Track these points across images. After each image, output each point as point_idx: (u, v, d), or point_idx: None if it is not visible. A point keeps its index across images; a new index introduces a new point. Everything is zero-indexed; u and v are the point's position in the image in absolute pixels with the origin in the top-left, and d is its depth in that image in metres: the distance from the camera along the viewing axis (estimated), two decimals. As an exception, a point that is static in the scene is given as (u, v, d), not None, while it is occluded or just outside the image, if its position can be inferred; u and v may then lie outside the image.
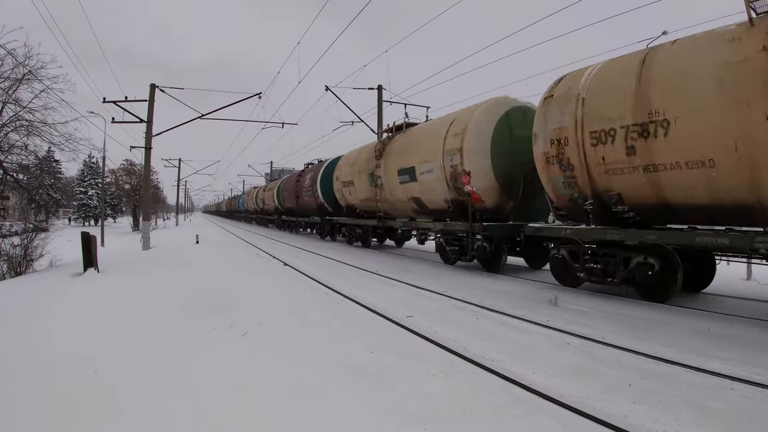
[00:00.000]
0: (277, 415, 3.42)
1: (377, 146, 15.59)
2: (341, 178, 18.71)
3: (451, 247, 12.01)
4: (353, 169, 17.45)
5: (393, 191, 14.29)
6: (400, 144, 14.12)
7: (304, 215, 26.92)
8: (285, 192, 29.93)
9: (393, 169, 13.94)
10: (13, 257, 12.63)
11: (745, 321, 6.25)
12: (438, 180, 11.68)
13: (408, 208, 13.96)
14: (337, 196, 19.63)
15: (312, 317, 6.57)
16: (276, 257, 14.80)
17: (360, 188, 16.98)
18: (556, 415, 3.44)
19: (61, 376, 4.15)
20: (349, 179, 17.87)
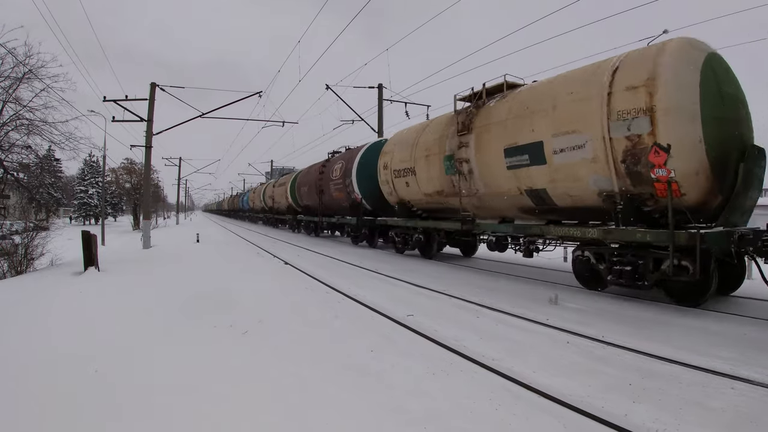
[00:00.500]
0: (278, 414, 3.43)
1: (459, 117, 10.88)
2: (392, 166, 14.02)
3: (619, 267, 7.55)
4: (414, 151, 12.84)
5: (492, 180, 9.87)
6: (504, 110, 9.51)
7: (329, 214, 21.63)
8: (303, 187, 24.92)
9: (494, 147, 9.56)
10: (13, 256, 12.63)
11: (746, 320, 6.24)
12: (592, 161, 7.58)
13: (511, 205, 9.77)
14: (383, 190, 14.96)
15: (313, 317, 6.57)
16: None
17: (427, 178, 12.36)
18: (557, 414, 3.44)
19: (61, 375, 4.16)
20: (406, 166, 13.25)
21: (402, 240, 14.89)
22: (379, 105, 21.96)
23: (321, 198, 21.47)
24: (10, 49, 13.19)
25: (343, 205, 19.05)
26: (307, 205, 24.95)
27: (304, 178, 25.29)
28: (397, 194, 14.19)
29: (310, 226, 26.62)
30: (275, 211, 35.96)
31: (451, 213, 11.96)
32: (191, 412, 3.44)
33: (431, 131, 12.39)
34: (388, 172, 14.34)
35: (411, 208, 13.93)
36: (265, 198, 38.08)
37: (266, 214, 41.21)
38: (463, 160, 10.53)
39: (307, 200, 24.49)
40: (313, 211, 23.81)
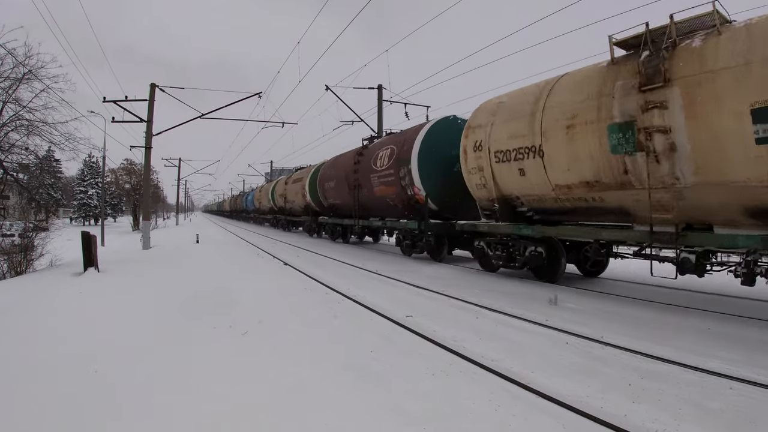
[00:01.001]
0: (277, 414, 3.43)
1: (640, 65, 6.81)
2: (491, 145, 9.58)
3: None
4: (540, 120, 8.45)
5: (718, 162, 6.13)
6: (738, 50, 5.84)
7: (367, 215, 17.19)
8: (327, 182, 20.46)
9: (726, 108, 5.88)
10: (13, 256, 12.63)
11: (745, 321, 6.25)
12: None
13: (744, 204, 6.09)
14: (470, 181, 10.49)
15: (312, 316, 6.57)
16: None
17: (567, 160, 8.00)
18: (556, 414, 3.44)
19: (61, 375, 4.16)
20: (521, 144, 8.85)
21: (503, 254, 10.17)
22: (378, 106, 21.95)
23: (356, 195, 16.94)
24: (10, 49, 13.20)
25: (392, 204, 14.65)
26: (335, 204, 20.50)
27: (329, 170, 20.70)
28: (497, 188, 9.66)
29: (336, 230, 21.54)
30: (288, 211, 30.93)
31: (599, 215, 8.14)
32: (191, 413, 3.44)
33: (570, 89, 8.05)
34: (482, 155, 9.88)
35: (517, 207, 9.58)
36: (275, 197, 33.39)
37: (276, 215, 35.84)
38: (656, 130, 6.60)
39: (335, 198, 20.11)
40: (343, 211, 19.67)
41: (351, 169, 17.22)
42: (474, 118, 10.46)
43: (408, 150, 13.07)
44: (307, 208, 24.96)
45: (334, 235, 21.90)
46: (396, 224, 15.00)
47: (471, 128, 10.38)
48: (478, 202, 10.62)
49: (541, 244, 9.33)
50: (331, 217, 21.43)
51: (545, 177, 8.47)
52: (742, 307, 7.06)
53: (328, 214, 21.79)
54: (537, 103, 8.61)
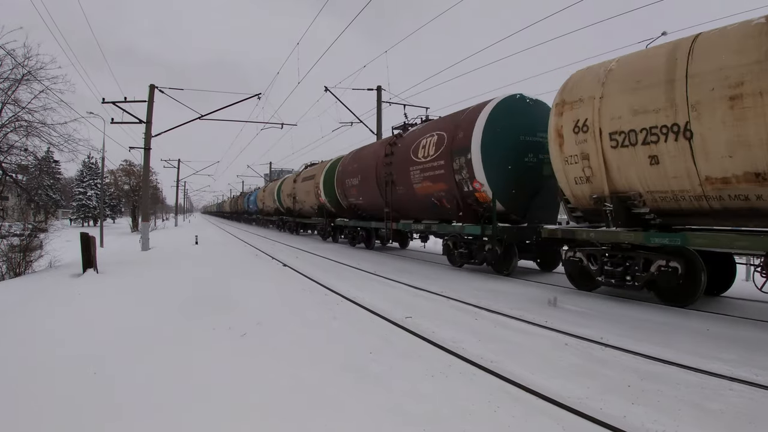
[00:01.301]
0: (276, 415, 3.42)
1: None
2: (603, 124, 7.31)
3: None
4: (683, 89, 6.24)
5: None
6: None
7: (402, 216, 14.56)
8: (350, 179, 17.66)
9: None
10: (12, 258, 12.60)
11: (745, 322, 6.26)
12: None
13: None
14: (565, 174, 8.17)
15: (311, 317, 6.57)
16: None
17: (730, 141, 5.86)
18: (556, 416, 3.44)
19: (60, 377, 4.15)
20: (653, 123, 6.64)
21: (616, 270, 7.68)
22: (378, 107, 21.96)
23: (389, 193, 14.16)
24: (9, 50, 13.17)
25: (439, 204, 11.92)
26: (357, 203, 17.78)
27: (350, 165, 17.83)
28: (610, 181, 7.39)
29: (357, 235, 18.65)
30: (297, 213, 27.83)
31: (759, 217, 6.17)
32: (190, 414, 3.43)
33: (729, 48, 5.85)
34: (587, 139, 7.53)
35: (634, 208, 7.26)
36: (282, 197, 30.52)
37: (282, 217, 32.65)
38: None
39: (358, 197, 17.33)
40: (368, 211, 17.18)
41: (381, 162, 14.54)
42: (570, 91, 7.90)
43: (466, 137, 10.41)
44: (321, 209, 22.03)
45: (354, 239, 19.09)
46: (446, 228, 11.95)
47: (567, 104, 7.84)
48: (568, 200, 8.38)
49: (676, 257, 7.00)
50: (352, 219, 18.59)
51: (692, 166, 6.28)
52: (741, 308, 7.06)
53: (349, 215, 18.79)
54: (674, 68, 6.36)
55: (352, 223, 18.67)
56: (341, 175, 18.71)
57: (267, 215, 39.64)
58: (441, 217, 12.39)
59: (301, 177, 26.09)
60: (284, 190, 30.16)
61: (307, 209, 25.32)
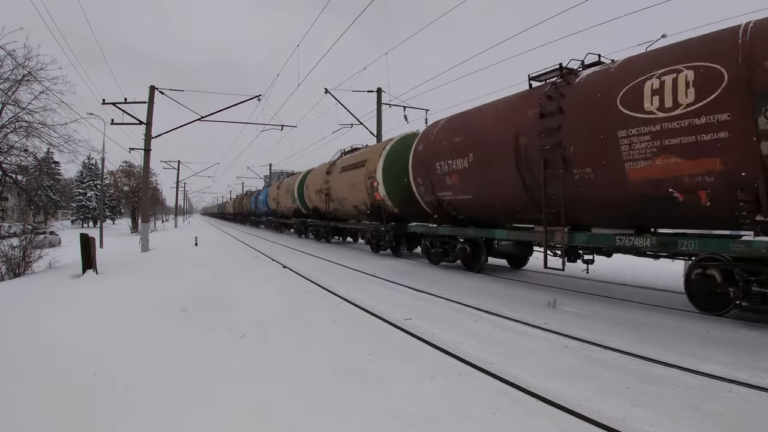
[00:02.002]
0: (276, 417, 3.43)
1: None
2: None
3: None
4: None
5: None
6: None
7: (588, 217, 8.55)
8: (445, 160, 11.38)
9: None
10: (11, 258, 12.60)
11: (744, 324, 6.26)
12: None
13: None
14: None
15: (312, 318, 6.57)
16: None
17: None
18: (555, 417, 3.44)
19: (60, 378, 4.15)
20: None
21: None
22: (378, 109, 21.98)
23: (554, 183, 8.26)
24: (10, 51, 13.20)
25: (690, 201, 6.59)
26: (460, 201, 11.44)
27: (449, 137, 11.40)
28: None
29: (451, 248, 12.51)
30: (331, 215, 21.13)
31: None
32: (190, 414, 3.43)
33: None
34: None
35: None
36: (308, 194, 23.86)
37: (307, 220, 25.72)
38: None
39: (466, 189, 11.01)
40: (482, 214, 11.45)
41: (528, 126, 8.81)
42: None
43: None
44: (376, 210, 15.59)
45: (433, 255, 13.15)
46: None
47: None
48: None
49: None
50: (445, 224, 12.32)
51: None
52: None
53: (441, 217, 12.32)
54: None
55: (445, 230, 12.30)
56: (427, 156, 12.16)
57: (282, 217, 33.04)
58: (687, 223, 7.49)
59: (339, 166, 19.41)
60: (310, 184, 23.62)
61: (347, 210, 18.99)
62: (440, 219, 12.34)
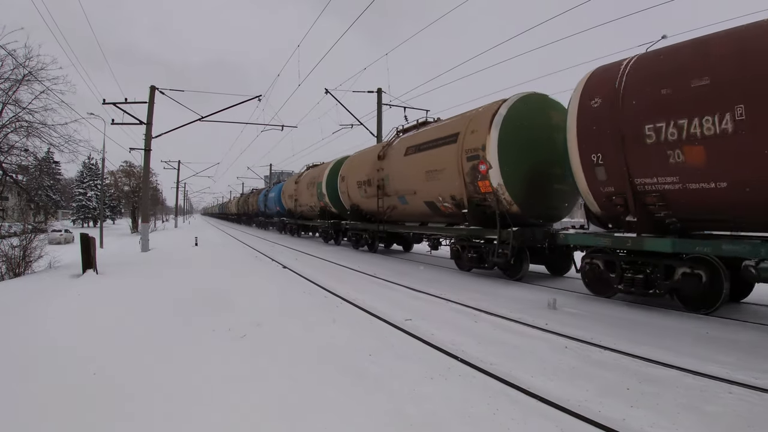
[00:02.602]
0: (276, 416, 3.43)
1: None
2: None
3: None
4: None
5: None
6: None
7: None
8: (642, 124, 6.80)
9: None
10: (11, 258, 12.61)
11: (744, 325, 6.26)
12: None
13: None
14: None
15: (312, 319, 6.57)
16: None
17: None
18: (555, 418, 3.44)
19: (60, 378, 4.15)
20: None
21: None
22: (378, 109, 21.99)
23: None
24: (10, 51, 13.21)
25: None
26: (698, 192, 6.52)
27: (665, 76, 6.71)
28: None
29: (634, 274, 7.58)
30: (384, 216, 15.61)
31: None
32: (190, 414, 3.44)
33: None
34: None
35: None
36: (344, 188, 18.72)
37: (339, 222, 20.33)
38: None
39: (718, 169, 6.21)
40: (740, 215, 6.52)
41: None
42: None
43: None
44: (477, 210, 10.96)
45: (649, 288, 7.45)
46: None
47: None
48: None
49: None
50: (665, 230, 7.45)
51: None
52: (740, 311, 7.06)
53: (651, 220, 7.42)
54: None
55: (664, 245, 7.15)
56: (613, 114, 7.41)
57: (302, 218, 26.59)
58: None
59: (403, 146, 14.12)
60: (349, 175, 18.11)
61: (416, 207, 13.62)
62: (642, 223, 7.37)
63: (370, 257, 15.99)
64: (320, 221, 22.73)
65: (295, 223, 28.72)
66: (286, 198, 29.22)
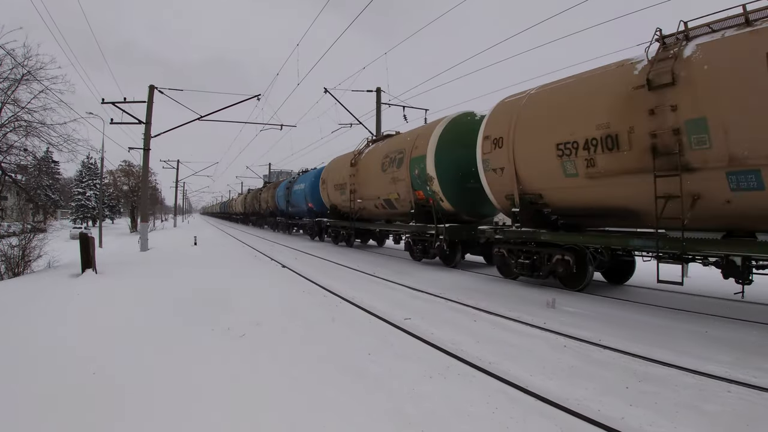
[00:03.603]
0: (276, 416, 3.43)
1: None
2: None
3: None
4: None
5: None
6: None
7: None
8: None
9: None
10: (11, 258, 12.59)
11: (743, 323, 6.27)
12: None
13: None
14: None
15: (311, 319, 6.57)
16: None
17: None
18: (554, 417, 3.45)
19: (59, 378, 4.15)
20: None
21: None
22: (377, 108, 21.97)
23: None
24: (9, 50, 13.18)
25: None
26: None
27: None
28: None
29: None
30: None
31: None
32: (190, 413, 3.44)
33: None
34: None
35: None
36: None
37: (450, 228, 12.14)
38: None
39: None
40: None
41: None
42: None
43: None
44: None
45: None
46: None
47: None
48: None
49: None
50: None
51: None
52: (739, 309, 7.08)
53: None
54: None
55: None
56: None
57: (362, 221, 17.90)
58: None
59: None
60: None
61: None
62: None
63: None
64: (398, 222, 15.80)
65: (349, 227, 18.76)
66: (331, 189, 19.88)
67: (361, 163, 16.85)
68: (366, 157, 16.72)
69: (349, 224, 18.57)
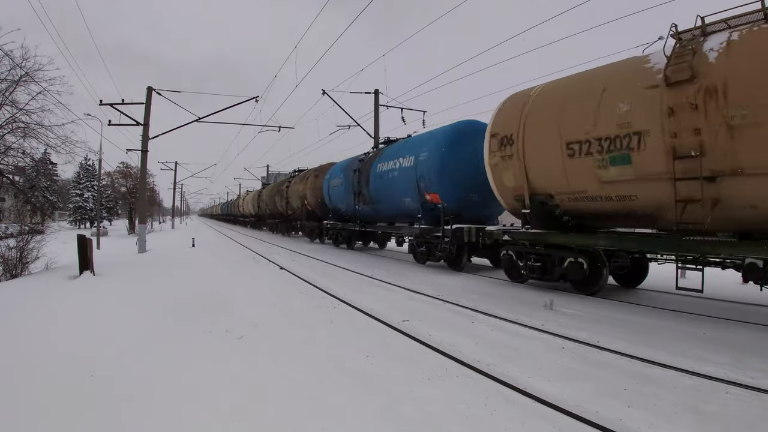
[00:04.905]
0: (273, 418, 3.42)
1: None
2: None
3: None
4: None
5: None
6: None
7: None
8: None
9: None
10: (8, 259, 12.56)
11: (741, 325, 6.28)
12: None
13: None
14: None
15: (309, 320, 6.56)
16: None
17: None
18: (552, 419, 3.45)
19: (57, 380, 4.14)
20: None
21: None
22: (375, 110, 21.98)
23: None
24: (7, 51, 13.16)
25: None
26: None
27: None
28: None
29: None
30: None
31: None
32: (188, 415, 3.43)
33: None
34: None
35: None
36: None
37: None
38: None
39: None
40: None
41: None
42: None
43: None
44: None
45: None
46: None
47: None
48: None
49: None
50: None
51: None
52: (737, 311, 7.09)
53: None
54: None
55: None
56: None
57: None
58: None
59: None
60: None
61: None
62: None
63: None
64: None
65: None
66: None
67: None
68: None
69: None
